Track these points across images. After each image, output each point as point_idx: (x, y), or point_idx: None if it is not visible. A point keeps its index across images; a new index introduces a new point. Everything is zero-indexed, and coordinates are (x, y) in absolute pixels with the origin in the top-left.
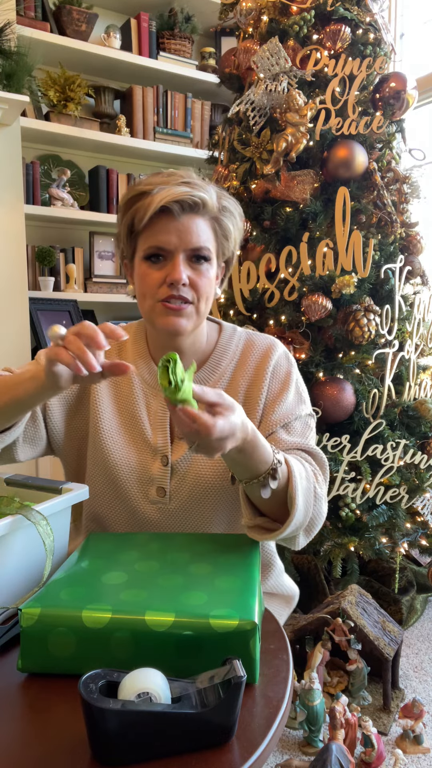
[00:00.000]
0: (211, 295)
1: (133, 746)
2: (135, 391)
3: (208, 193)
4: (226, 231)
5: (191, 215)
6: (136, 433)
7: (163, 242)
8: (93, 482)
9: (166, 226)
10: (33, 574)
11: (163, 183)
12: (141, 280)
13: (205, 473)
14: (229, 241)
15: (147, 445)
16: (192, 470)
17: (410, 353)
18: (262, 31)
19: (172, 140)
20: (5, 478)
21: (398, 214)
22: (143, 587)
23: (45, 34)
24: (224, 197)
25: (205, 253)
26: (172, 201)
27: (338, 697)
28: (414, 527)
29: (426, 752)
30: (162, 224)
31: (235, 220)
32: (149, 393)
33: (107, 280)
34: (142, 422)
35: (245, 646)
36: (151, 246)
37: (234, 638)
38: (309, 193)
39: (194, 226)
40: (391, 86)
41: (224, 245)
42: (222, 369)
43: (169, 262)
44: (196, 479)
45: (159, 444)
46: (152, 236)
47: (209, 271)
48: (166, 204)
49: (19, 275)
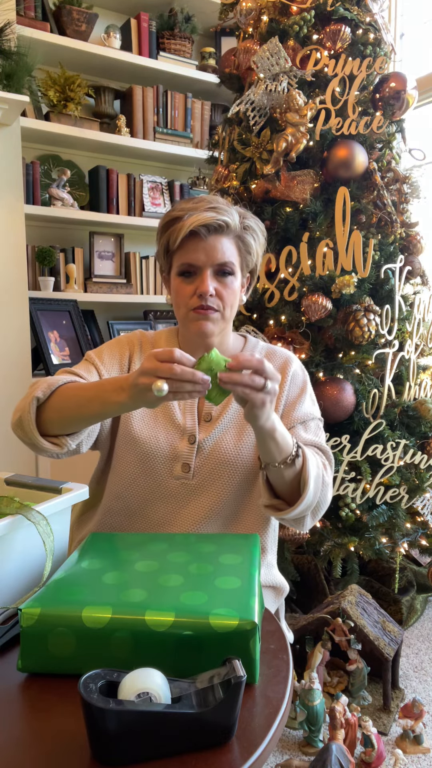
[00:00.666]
0: (236, 303)
1: (133, 746)
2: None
3: (231, 216)
4: (249, 247)
5: (217, 236)
6: (167, 417)
7: (192, 260)
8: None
9: (195, 246)
10: (33, 574)
11: (192, 209)
12: (176, 293)
13: (227, 452)
14: (251, 255)
15: (176, 426)
16: (216, 449)
17: (410, 353)
18: (262, 31)
19: (172, 140)
20: (5, 478)
21: (398, 214)
22: (143, 587)
23: (45, 34)
24: (247, 217)
25: (229, 268)
26: (199, 225)
27: (338, 697)
28: (414, 527)
29: (426, 752)
30: (192, 245)
31: (257, 236)
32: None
33: (107, 280)
34: (172, 408)
35: (245, 646)
36: (183, 263)
37: (234, 638)
38: (309, 193)
39: (219, 244)
40: (391, 86)
41: (247, 259)
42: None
43: (198, 276)
44: (218, 457)
45: (188, 425)
46: (184, 255)
47: (233, 283)
48: (194, 228)
49: (19, 275)
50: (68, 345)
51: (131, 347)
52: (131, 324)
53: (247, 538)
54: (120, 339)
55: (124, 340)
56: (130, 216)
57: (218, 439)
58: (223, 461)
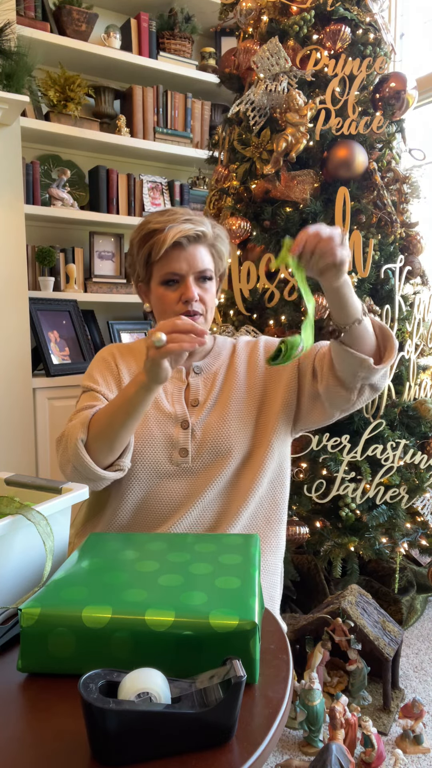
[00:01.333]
0: (214, 307)
1: (133, 746)
2: None
3: (206, 226)
4: (221, 253)
5: (195, 245)
6: (157, 407)
7: (176, 269)
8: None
9: (177, 256)
10: (33, 574)
11: (170, 221)
12: (160, 301)
13: (219, 431)
14: (222, 261)
15: (166, 415)
16: (207, 430)
17: (410, 353)
18: (262, 31)
19: (172, 140)
20: (5, 478)
21: (398, 214)
22: (143, 587)
23: (45, 34)
24: (216, 226)
25: (209, 274)
26: (182, 236)
27: (338, 697)
28: (414, 527)
29: (426, 752)
30: (174, 255)
31: (225, 243)
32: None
33: (107, 280)
34: (161, 401)
35: (245, 646)
36: (167, 272)
37: (234, 638)
38: (309, 193)
39: (198, 253)
40: (391, 86)
41: (219, 264)
42: (222, 359)
43: (182, 284)
44: (212, 438)
45: (178, 412)
46: (166, 264)
47: (212, 287)
48: (177, 239)
49: (19, 275)
50: (68, 345)
51: (113, 358)
52: (131, 324)
53: (247, 538)
54: (100, 355)
55: (104, 354)
56: (130, 216)
57: (208, 421)
58: (217, 440)
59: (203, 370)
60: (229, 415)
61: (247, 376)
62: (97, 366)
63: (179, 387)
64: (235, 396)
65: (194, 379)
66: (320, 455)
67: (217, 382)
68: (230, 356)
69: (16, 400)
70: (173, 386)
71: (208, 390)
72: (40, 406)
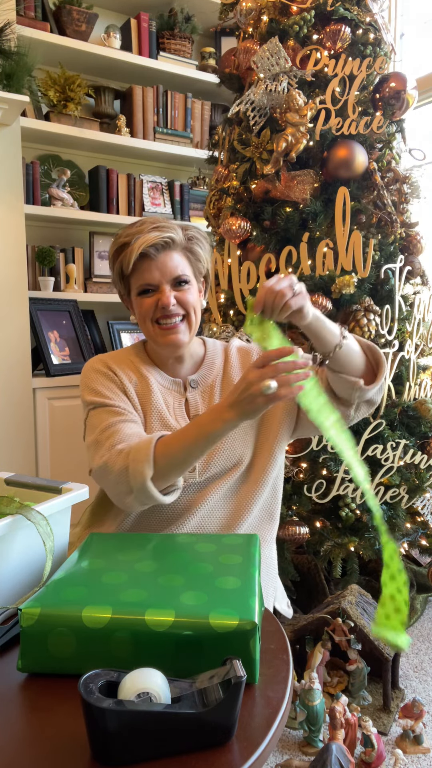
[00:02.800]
0: (199, 307)
1: (133, 746)
2: (154, 392)
3: (175, 231)
4: (197, 255)
5: (166, 252)
6: (163, 424)
7: (148, 279)
8: None
9: (148, 266)
10: (33, 574)
11: (137, 232)
12: (138, 309)
13: (225, 448)
14: (201, 262)
15: (172, 431)
16: (215, 447)
17: (410, 353)
18: (262, 31)
19: (172, 140)
20: (5, 478)
21: (398, 214)
22: (143, 587)
23: (45, 34)
24: (189, 229)
25: (184, 278)
26: (147, 246)
27: (338, 697)
28: (414, 527)
29: (426, 752)
30: (145, 266)
31: (203, 244)
32: (165, 392)
33: (107, 280)
34: (165, 415)
35: (245, 646)
36: (141, 284)
37: (234, 638)
38: (309, 193)
39: (170, 260)
40: (391, 86)
41: (198, 266)
42: (216, 367)
43: (158, 292)
44: (219, 455)
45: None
46: (140, 276)
47: (191, 290)
48: (143, 250)
49: (19, 275)
50: (68, 345)
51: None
52: (131, 324)
53: (247, 538)
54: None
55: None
56: (130, 216)
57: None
58: (223, 455)
59: (199, 383)
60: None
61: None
62: (96, 379)
63: (179, 400)
64: None
65: (192, 394)
66: (320, 455)
67: (215, 394)
68: (224, 365)
69: (16, 400)
70: (174, 399)
71: (207, 404)
72: (40, 406)
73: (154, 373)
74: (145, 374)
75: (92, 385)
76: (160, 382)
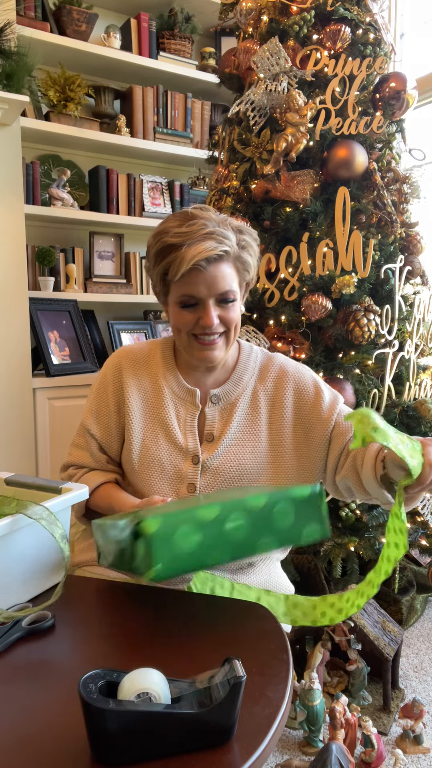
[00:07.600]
0: (239, 321)
1: (133, 746)
2: (165, 401)
3: (230, 240)
4: (247, 265)
5: (217, 265)
6: (168, 438)
7: (194, 292)
8: (127, 488)
9: (195, 278)
10: (33, 573)
11: (189, 235)
12: (176, 319)
13: (232, 470)
14: (249, 272)
15: (178, 447)
16: (220, 469)
17: (410, 353)
18: (262, 31)
19: (172, 140)
20: (5, 478)
21: (398, 214)
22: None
23: (45, 34)
24: (244, 233)
25: (232, 296)
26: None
27: (338, 697)
28: (414, 527)
29: (426, 752)
30: (192, 277)
31: (254, 250)
32: (177, 402)
33: (107, 280)
34: (173, 428)
35: (318, 504)
36: (183, 295)
37: (312, 498)
38: (309, 193)
39: (219, 274)
40: (391, 86)
41: (246, 276)
42: (244, 383)
43: (200, 307)
44: (223, 476)
45: (190, 446)
46: (184, 287)
47: (235, 306)
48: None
49: (19, 275)
50: (68, 345)
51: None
52: (131, 324)
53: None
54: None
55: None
56: (130, 216)
57: (222, 459)
58: (229, 479)
59: (221, 399)
60: (244, 456)
61: (269, 416)
62: (97, 391)
63: (193, 413)
64: (252, 434)
65: (210, 409)
66: None
67: (235, 415)
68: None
69: (16, 400)
70: (186, 412)
71: (225, 423)
72: (40, 406)
73: (171, 380)
74: (160, 382)
75: (92, 396)
76: (175, 391)
